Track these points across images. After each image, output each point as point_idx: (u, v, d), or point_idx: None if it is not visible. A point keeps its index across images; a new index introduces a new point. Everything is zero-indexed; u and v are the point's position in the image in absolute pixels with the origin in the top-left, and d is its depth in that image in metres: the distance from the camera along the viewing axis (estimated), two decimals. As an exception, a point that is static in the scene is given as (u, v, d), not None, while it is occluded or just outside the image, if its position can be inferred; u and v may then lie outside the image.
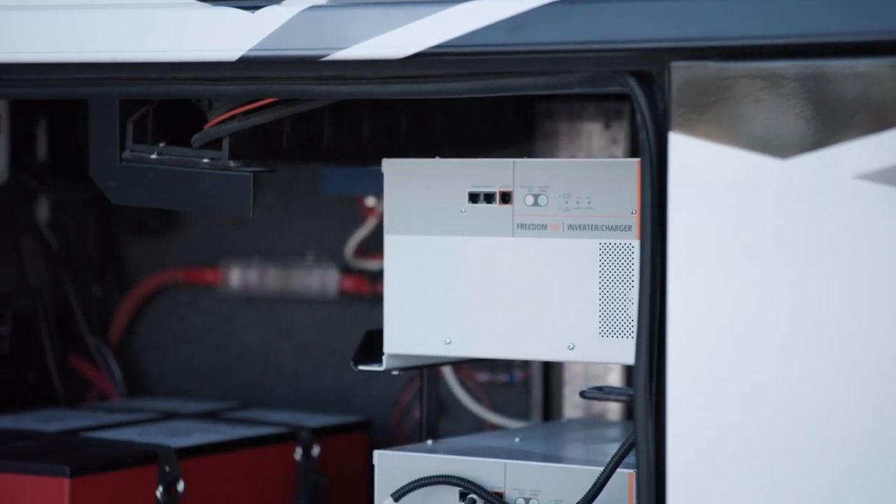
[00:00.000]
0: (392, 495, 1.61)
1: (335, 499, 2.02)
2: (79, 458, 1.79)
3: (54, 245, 2.27)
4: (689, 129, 1.38)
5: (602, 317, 1.57)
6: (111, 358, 2.28)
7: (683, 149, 1.38)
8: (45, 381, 2.22)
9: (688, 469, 1.39)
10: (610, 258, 1.57)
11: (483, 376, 2.13)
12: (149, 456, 1.83)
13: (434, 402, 1.78)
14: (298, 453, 1.98)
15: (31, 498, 1.76)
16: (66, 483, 1.75)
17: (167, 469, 1.83)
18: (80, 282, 2.30)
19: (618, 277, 1.57)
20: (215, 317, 2.28)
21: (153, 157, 1.69)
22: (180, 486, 1.84)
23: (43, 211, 2.27)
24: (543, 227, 1.60)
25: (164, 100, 1.71)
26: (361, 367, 1.67)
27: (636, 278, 1.54)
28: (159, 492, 1.83)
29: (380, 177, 1.66)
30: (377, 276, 2.15)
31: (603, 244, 1.57)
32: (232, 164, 1.65)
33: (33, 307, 2.21)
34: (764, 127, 1.36)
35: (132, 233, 2.31)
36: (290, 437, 1.98)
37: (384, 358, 1.66)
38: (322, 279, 2.20)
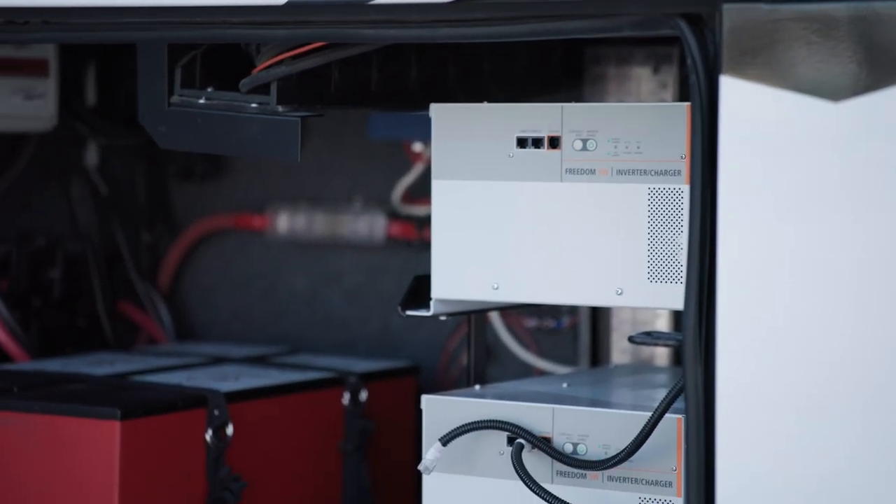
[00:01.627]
0: (440, 440, 1.61)
1: (383, 443, 2.03)
2: (129, 401, 1.80)
3: (103, 190, 2.28)
4: (741, 72, 1.37)
5: (651, 262, 1.57)
6: (160, 303, 2.30)
7: (734, 92, 1.37)
8: (94, 326, 2.23)
9: (737, 414, 1.38)
10: (659, 203, 1.56)
11: (530, 322, 2.12)
12: (198, 400, 1.84)
13: (481, 347, 1.79)
14: (346, 398, 1.99)
15: (81, 440, 1.77)
16: (116, 426, 1.76)
17: (216, 413, 1.84)
18: (129, 227, 2.31)
19: (667, 222, 1.56)
20: (263, 262, 2.28)
21: (201, 101, 1.69)
22: (229, 430, 1.85)
23: (92, 156, 2.27)
24: (592, 171, 1.59)
25: (212, 44, 1.71)
26: (409, 313, 1.67)
27: (685, 223, 1.53)
28: (209, 435, 1.84)
29: (427, 122, 1.66)
30: (424, 222, 2.15)
31: (652, 189, 1.56)
32: (280, 108, 1.64)
33: (83, 252, 2.22)
34: (816, 70, 1.35)
35: (180, 178, 2.32)
36: (338, 381, 1.99)
37: (432, 303, 1.66)
38: (369, 225, 2.20)
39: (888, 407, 1.34)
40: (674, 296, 1.55)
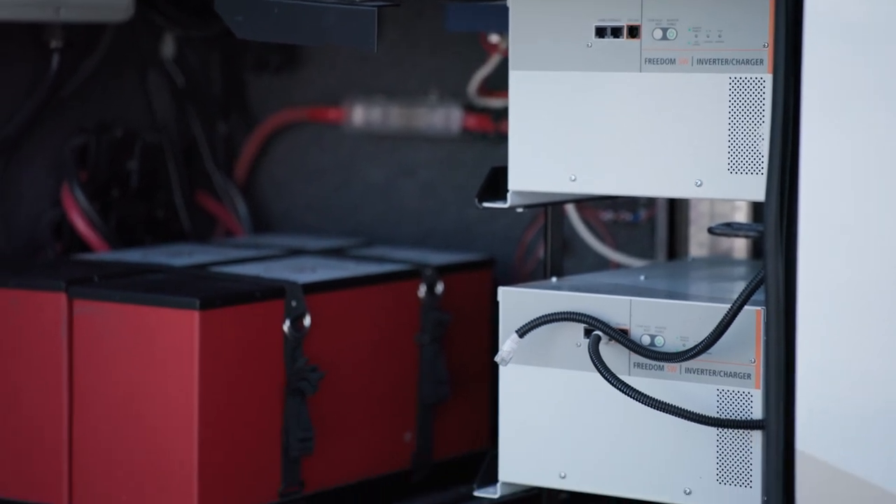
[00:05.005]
0: (517, 331, 1.61)
1: (459, 335, 2.03)
2: (208, 291, 1.81)
3: (180, 82, 2.28)
4: (827, -43, 1.34)
5: (731, 153, 1.55)
6: (237, 195, 2.31)
7: (820, -22, 1.34)
8: (172, 217, 2.25)
9: (817, 305, 1.37)
10: (740, 93, 1.54)
11: (607, 215, 2.11)
12: (276, 291, 1.85)
13: (558, 239, 1.78)
14: (422, 290, 1.99)
15: (161, 330, 1.79)
16: (195, 315, 1.77)
17: (294, 304, 1.85)
18: (205, 118, 2.31)
19: (748, 112, 1.54)
20: (339, 155, 2.28)
21: (278, -9, 1.68)
22: (307, 321, 1.87)
23: (168, 47, 2.27)
24: (672, 61, 1.57)
25: (289, -67, 1.70)
26: (486, 204, 1.66)
27: (767, 113, 1.51)
28: (286, 326, 1.85)
29: (504, 12, 1.64)
30: (500, 114, 2.14)
31: (733, 78, 1.54)
32: (357, -2, 1.63)
33: (160, 143, 2.23)
34: (905, -45, 1.32)
35: (256, 70, 2.31)
36: (415, 274, 2.00)
37: (509, 195, 1.65)
38: (445, 117, 2.19)
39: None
40: (754, 187, 1.53)
